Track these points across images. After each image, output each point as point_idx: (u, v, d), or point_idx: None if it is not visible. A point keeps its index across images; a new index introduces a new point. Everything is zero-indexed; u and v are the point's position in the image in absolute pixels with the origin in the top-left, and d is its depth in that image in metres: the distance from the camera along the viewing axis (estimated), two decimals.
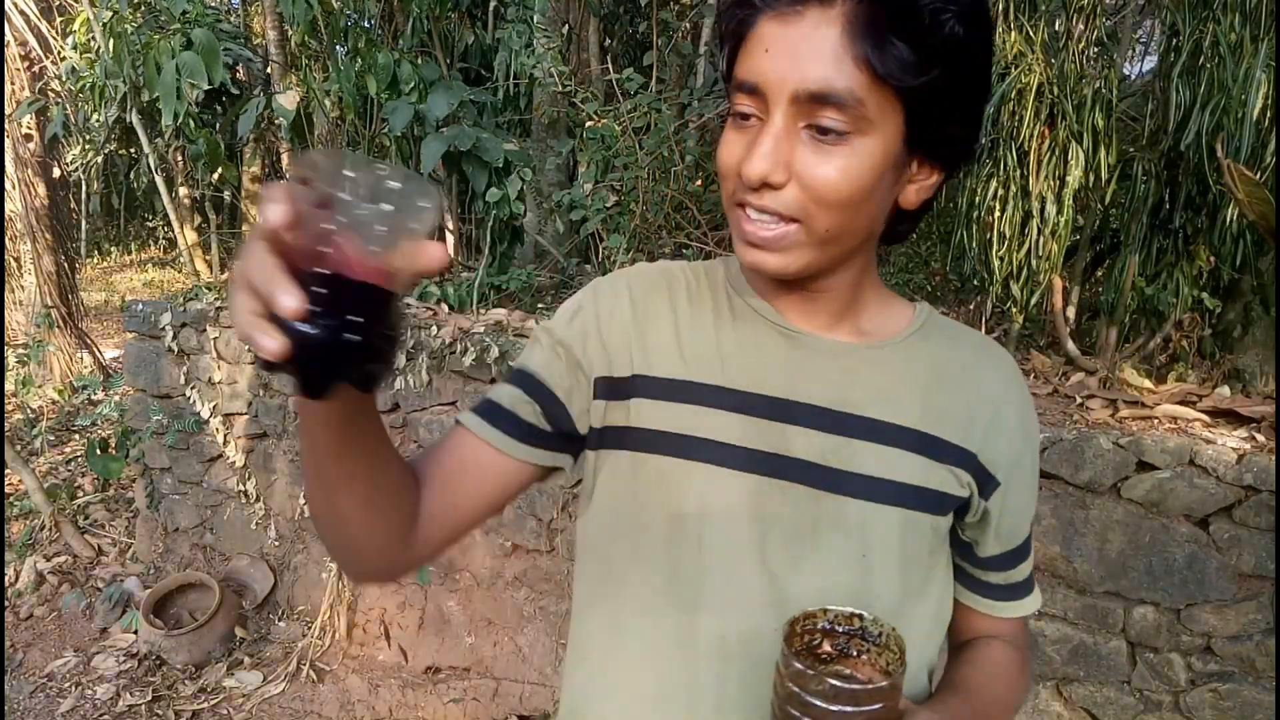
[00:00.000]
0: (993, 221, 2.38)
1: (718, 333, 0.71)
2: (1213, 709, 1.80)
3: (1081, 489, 1.84)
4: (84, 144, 5.12)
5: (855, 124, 0.57)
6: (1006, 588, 0.77)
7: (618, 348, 0.71)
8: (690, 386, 0.69)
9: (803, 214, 0.60)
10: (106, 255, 11.05)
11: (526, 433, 0.71)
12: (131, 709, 2.66)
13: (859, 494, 0.66)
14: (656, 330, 0.71)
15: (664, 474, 0.69)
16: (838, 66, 0.55)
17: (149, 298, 3.73)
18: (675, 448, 0.68)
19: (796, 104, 0.57)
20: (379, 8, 3.63)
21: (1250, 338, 2.45)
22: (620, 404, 0.70)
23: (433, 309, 2.99)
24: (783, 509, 0.67)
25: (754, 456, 0.67)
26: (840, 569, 0.67)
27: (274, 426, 3.04)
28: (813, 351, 0.69)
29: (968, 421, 0.69)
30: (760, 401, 0.68)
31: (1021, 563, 0.76)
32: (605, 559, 0.74)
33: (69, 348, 5.32)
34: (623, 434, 0.71)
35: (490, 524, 2.66)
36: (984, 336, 0.77)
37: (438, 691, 2.66)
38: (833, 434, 0.67)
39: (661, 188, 2.87)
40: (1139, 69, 3.72)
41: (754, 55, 0.59)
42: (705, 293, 0.73)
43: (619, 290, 0.74)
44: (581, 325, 0.73)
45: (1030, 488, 0.75)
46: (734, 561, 0.67)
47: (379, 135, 3.45)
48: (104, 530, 3.67)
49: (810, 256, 0.62)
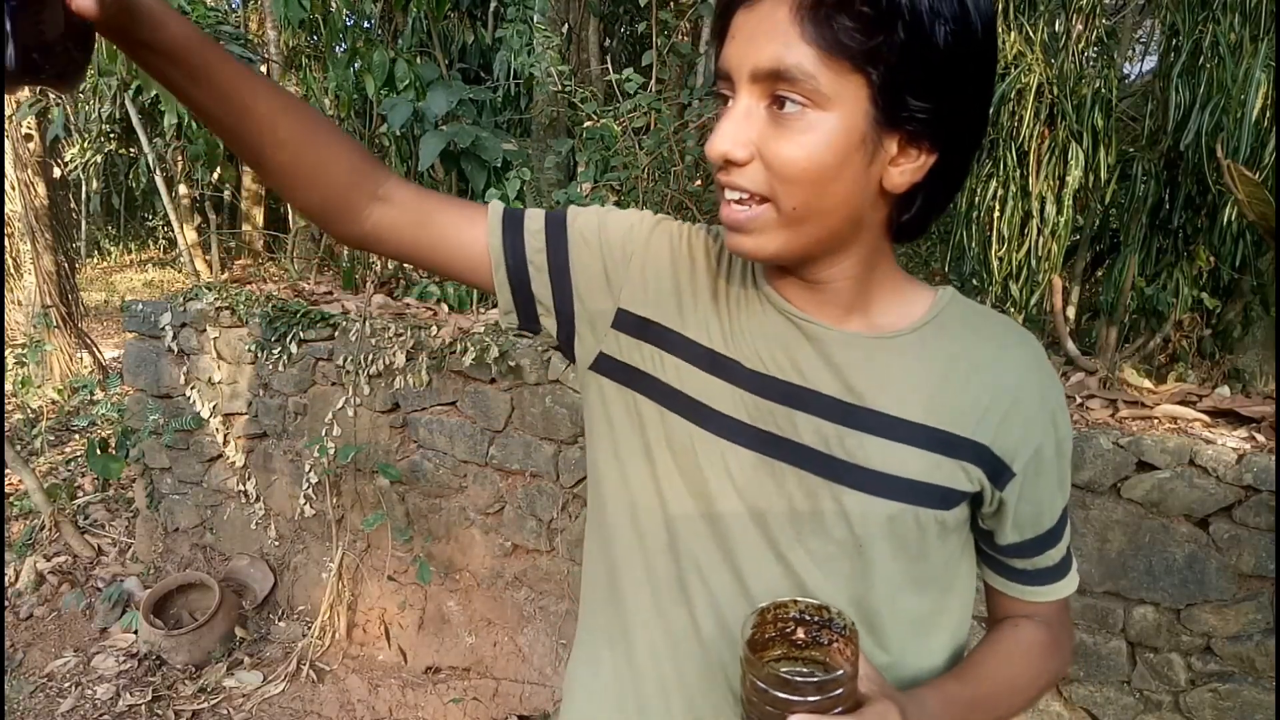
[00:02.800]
0: (992, 221, 2.38)
1: (743, 314, 0.72)
2: (1213, 709, 1.80)
3: (1081, 489, 1.84)
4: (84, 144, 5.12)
5: (811, 99, 0.58)
6: (1034, 573, 0.76)
7: (657, 291, 0.73)
8: (713, 356, 0.71)
9: (770, 192, 0.61)
10: (106, 255, 11.05)
11: (519, 273, 0.74)
12: (131, 709, 2.66)
13: (859, 486, 0.67)
14: (694, 292, 0.74)
15: (677, 434, 0.71)
16: (785, 42, 0.57)
17: (149, 298, 3.73)
18: (692, 412, 0.70)
19: (755, 82, 0.59)
20: (378, 7, 3.63)
21: (1250, 338, 2.45)
22: (641, 345, 0.73)
23: (433, 309, 2.99)
24: (784, 491, 0.68)
25: (761, 436, 0.69)
26: (839, 556, 0.68)
27: (274, 426, 3.04)
28: (824, 342, 0.70)
29: (980, 413, 0.68)
30: (773, 385, 0.69)
31: (1050, 549, 0.75)
32: (611, 528, 0.77)
33: (69, 348, 5.32)
34: (641, 377, 0.73)
35: (490, 524, 2.66)
36: (1009, 321, 0.75)
37: (438, 691, 2.66)
38: (839, 424, 0.68)
39: (661, 188, 2.87)
40: (1139, 69, 3.72)
41: (726, 44, 0.62)
42: (737, 274, 0.75)
43: (678, 238, 0.76)
44: (630, 247, 0.75)
45: (1055, 476, 0.72)
46: (740, 537, 0.70)
47: (378, 134, 3.44)
48: (104, 530, 3.67)
49: (783, 238, 0.63)
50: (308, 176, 0.69)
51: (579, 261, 0.74)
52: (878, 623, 0.70)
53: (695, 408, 0.70)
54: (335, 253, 3.80)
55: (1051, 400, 0.71)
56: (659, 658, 0.74)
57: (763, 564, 0.69)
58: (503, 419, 2.54)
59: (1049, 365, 0.73)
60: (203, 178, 4.07)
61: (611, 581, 0.78)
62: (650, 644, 0.75)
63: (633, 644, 0.76)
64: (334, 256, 3.83)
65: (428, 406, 2.69)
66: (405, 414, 2.74)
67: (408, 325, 2.71)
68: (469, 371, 2.54)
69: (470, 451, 2.62)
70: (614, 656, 0.78)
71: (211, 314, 3.05)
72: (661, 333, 0.72)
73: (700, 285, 0.74)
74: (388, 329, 2.69)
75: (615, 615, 0.77)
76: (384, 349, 2.66)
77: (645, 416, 0.73)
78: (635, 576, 0.75)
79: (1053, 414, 0.71)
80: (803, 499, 0.68)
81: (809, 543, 0.68)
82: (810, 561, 0.68)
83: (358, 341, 2.72)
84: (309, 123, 0.68)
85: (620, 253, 0.74)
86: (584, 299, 0.74)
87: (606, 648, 0.79)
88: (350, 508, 2.92)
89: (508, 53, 3.59)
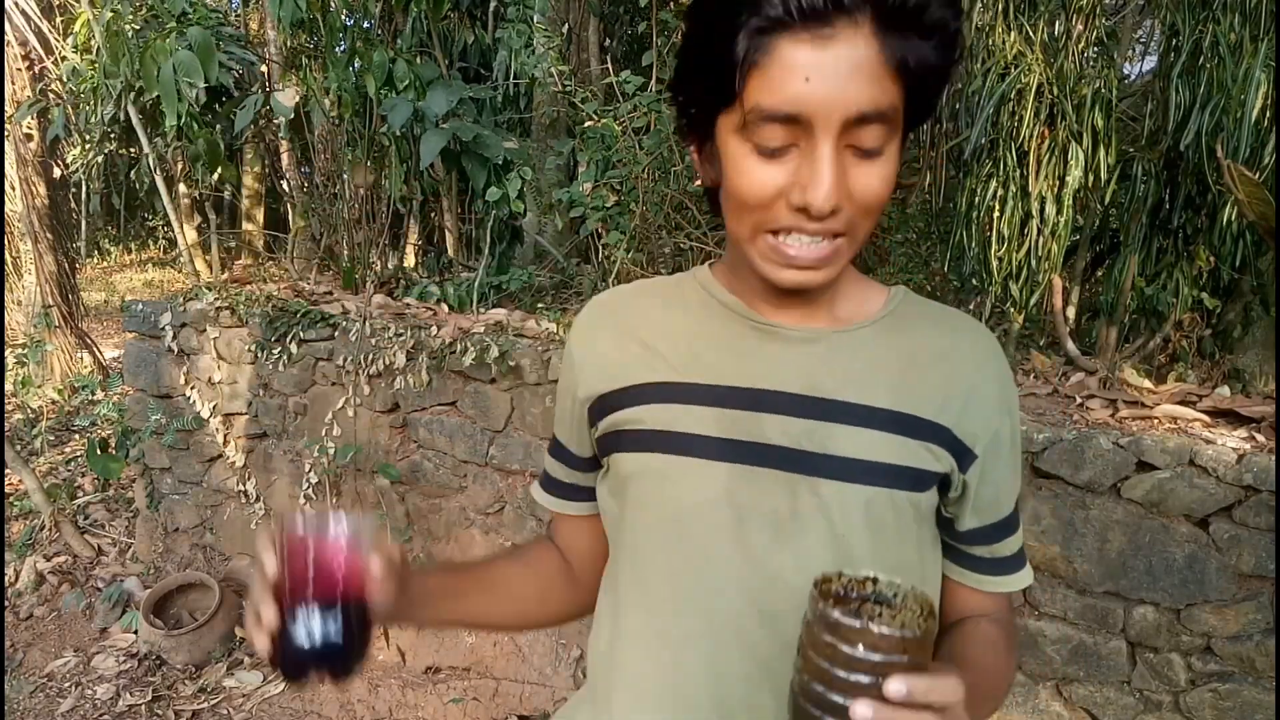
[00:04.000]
0: (992, 221, 2.38)
1: (693, 333, 0.74)
2: (1213, 709, 1.80)
3: (1081, 489, 1.84)
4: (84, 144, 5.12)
5: (890, 135, 0.59)
6: (992, 561, 0.76)
7: (598, 369, 0.77)
8: (671, 387, 0.72)
9: (849, 227, 0.62)
10: (106, 255, 11.05)
11: (577, 493, 0.85)
12: (131, 709, 2.66)
13: (833, 475, 0.67)
14: (636, 341, 0.76)
15: (649, 469, 0.72)
16: (881, 86, 0.56)
17: (149, 298, 3.73)
18: (661, 444, 0.71)
19: (845, 129, 0.57)
20: (378, 7, 3.63)
21: (1250, 338, 2.45)
22: (611, 415, 0.75)
23: (433, 309, 2.99)
24: (760, 494, 0.68)
25: (731, 446, 0.69)
26: (820, 549, 0.68)
27: (274, 426, 3.04)
28: (785, 341, 0.71)
29: (942, 399, 0.69)
30: (736, 394, 0.70)
31: (1007, 537, 0.76)
32: (611, 556, 0.81)
33: (69, 348, 5.33)
34: (616, 439, 0.75)
35: (490, 524, 2.66)
36: (963, 315, 0.77)
37: (438, 691, 2.66)
38: (806, 418, 0.68)
39: (661, 187, 2.87)
40: (1139, 69, 3.72)
41: (788, 83, 0.56)
42: (680, 297, 0.77)
43: (597, 316, 0.81)
44: (569, 369, 0.81)
45: (1010, 462, 0.74)
46: (715, 550, 0.69)
47: (378, 134, 3.44)
48: (104, 530, 3.67)
49: (843, 264, 0.65)
50: (544, 620, 0.90)
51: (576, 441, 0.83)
52: None
53: (664, 439, 0.71)
54: (335, 253, 3.80)
55: (1008, 389, 0.74)
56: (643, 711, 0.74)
57: (741, 571, 0.69)
58: (503, 419, 2.54)
59: (1004, 357, 0.76)
60: (203, 178, 4.06)
61: (615, 615, 0.79)
62: (636, 689, 0.75)
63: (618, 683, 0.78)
64: (334, 256, 3.83)
65: (428, 406, 2.69)
66: (405, 414, 2.74)
67: (408, 325, 2.71)
68: (469, 371, 2.54)
69: (470, 451, 2.62)
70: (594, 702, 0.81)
71: (211, 314, 3.05)
72: (618, 396, 0.75)
73: (629, 339, 0.76)
74: (388, 329, 2.69)
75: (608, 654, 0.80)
76: (384, 349, 2.66)
77: (623, 471, 0.74)
78: (626, 605, 0.79)
79: (1008, 402, 0.74)
80: (781, 499, 0.68)
81: (791, 545, 0.68)
82: (793, 564, 0.68)
83: (358, 341, 2.72)
84: (538, 585, 0.88)
85: (569, 386, 0.81)
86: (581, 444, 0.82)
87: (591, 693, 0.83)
88: (350, 508, 2.92)
89: (507, 53, 3.59)
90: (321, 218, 3.95)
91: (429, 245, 4.99)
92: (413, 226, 4.93)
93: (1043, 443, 1.85)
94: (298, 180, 4.48)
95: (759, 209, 0.62)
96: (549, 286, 3.58)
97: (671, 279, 0.81)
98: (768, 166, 0.60)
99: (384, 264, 3.85)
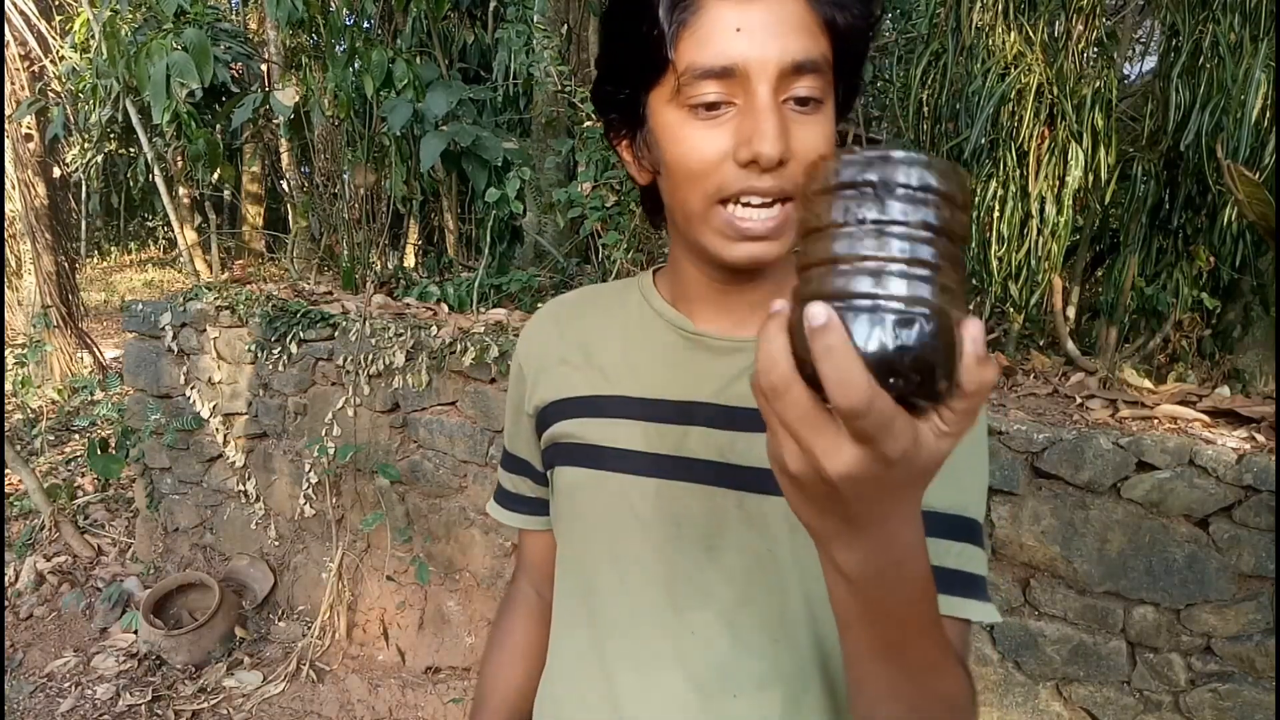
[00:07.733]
0: (992, 222, 2.37)
1: (627, 344, 0.74)
2: (1213, 709, 1.80)
3: (1081, 489, 1.84)
4: (84, 144, 5.12)
5: (825, 89, 0.59)
6: (943, 573, 0.60)
7: (543, 380, 0.77)
8: (602, 401, 0.72)
9: (795, 189, 0.59)
10: (106, 255, 11.05)
11: (544, 507, 0.83)
12: (131, 709, 2.66)
13: (754, 488, 0.65)
14: (579, 351, 0.76)
15: (580, 485, 0.72)
16: (812, 36, 0.57)
17: (149, 298, 3.73)
18: (590, 459, 0.71)
19: (781, 79, 0.57)
20: (378, 7, 3.63)
21: (1250, 338, 2.45)
22: (551, 428, 0.75)
23: (433, 309, 2.99)
24: (689, 509, 0.67)
25: (658, 461, 0.68)
26: (752, 565, 0.66)
27: (274, 426, 3.04)
28: (710, 351, 0.70)
29: None
30: (663, 406, 0.69)
31: (964, 541, 0.63)
32: (556, 570, 0.81)
33: (69, 348, 5.33)
34: (555, 451, 0.75)
35: (489, 524, 2.66)
36: None
37: (437, 691, 2.66)
38: (727, 430, 0.66)
39: None
40: (1139, 69, 3.72)
41: (719, 38, 0.56)
42: (619, 307, 0.77)
43: (541, 327, 0.81)
44: (517, 382, 0.81)
45: (971, 449, 0.64)
46: (645, 567, 0.69)
47: (378, 134, 3.44)
48: (104, 530, 3.67)
49: (791, 238, 0.62)
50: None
51: (529, 451, 0.83)
52: (798, 635, 0.66)
53: (595, 453, 0.71)
54: (335, 253, 3.80)
55: None
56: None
57: (669, 588, 0.68)
58: (503, 419, 2.54)
59: None
60: (202, 178, 4.06)
61: (554, 633, 0.80)
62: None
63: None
64: (334, 256, 3.83)
65: (428, 406, 2.69)
66: (405, 414, 2.74)
67: (408, 325, 2.71)
68: (469, 371, 2.54)
69: (470, 451, 2.62)
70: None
71: (211, 314, 3.05)
72: (559, 407, 0.75)
73: (572, 349, 0.76)
74: (387, 329, 2.69)
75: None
76: (384, 349, 2.66)
77: (559, 485, 0.75)
78: (559, 623, 0.79)
79: None
80: (708, 514, 0.66)
81: (719, 560, 0.66)
82: (724, 582, 0.66)
83: (357, 341, 2.72)
84: (527, 660, 0.88)
85: (517, 397, 0.82)
86: (535, 457, 0.82)
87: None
88: (350, 508, 2.92)
89: (507, 53, 3.59)
90: (321, 218, 3.95)
91: (429, 245, 4.99)
92: (413, 226, 4.93)
93: (1043, 443, 1.85)
94: (297, 180, 4.48)
95: (704, 176, 0.59)
96: (549, 287, 3.58)
97: (617, 285, 0.80)
98: (708, 130, 0.58)
99: (384, 264, 3.85)
